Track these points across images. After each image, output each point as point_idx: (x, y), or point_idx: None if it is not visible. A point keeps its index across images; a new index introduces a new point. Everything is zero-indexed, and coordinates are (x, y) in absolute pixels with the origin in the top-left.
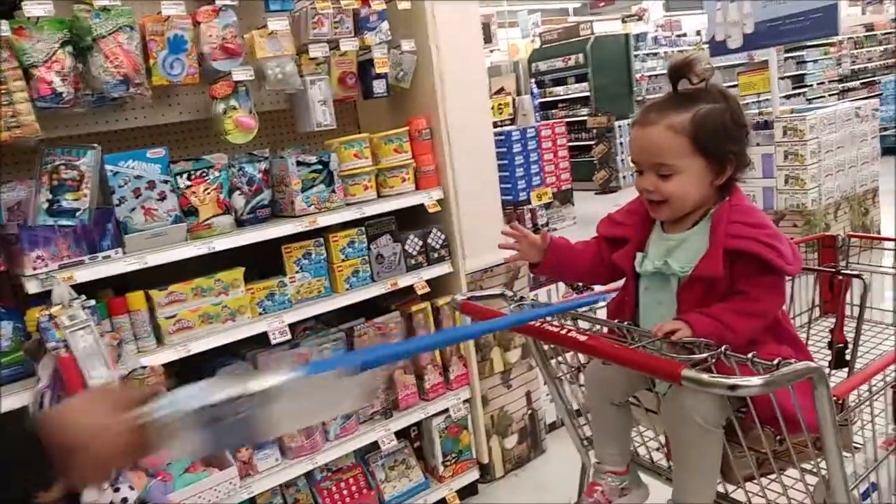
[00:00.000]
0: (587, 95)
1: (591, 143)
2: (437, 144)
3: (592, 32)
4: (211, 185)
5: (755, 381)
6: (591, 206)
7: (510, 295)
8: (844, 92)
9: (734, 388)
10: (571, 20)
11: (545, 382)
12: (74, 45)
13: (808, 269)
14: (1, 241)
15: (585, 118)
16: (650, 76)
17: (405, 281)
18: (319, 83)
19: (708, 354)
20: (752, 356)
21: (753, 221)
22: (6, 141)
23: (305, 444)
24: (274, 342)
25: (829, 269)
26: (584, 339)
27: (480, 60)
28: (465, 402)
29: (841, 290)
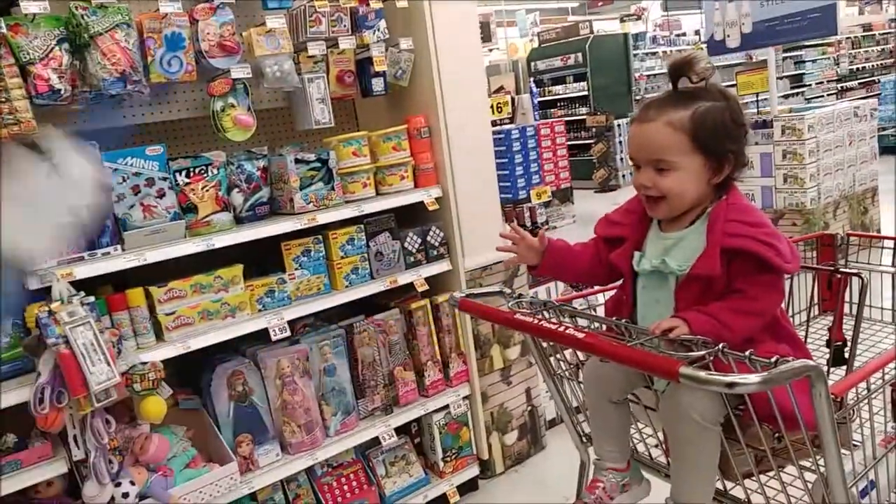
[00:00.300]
0: (586, 94)
1: (590, 141)
2: (435, 142)
3: (591, 32)
4: (209, 182)
5: (753, 378)
6: (590, 204)
7: (509, 292)
8: (842, 92)
9: (732, 385)
10: (570, 20)
11: (544, 379)
12: (71, 42)
13: (806, 267)
14: None
15: (584, 117)
16: (649, 75)
17: (404, 278)
18: (318, 81)
19: (706, 352)
20: (750, 354)
21: (751, 220)
22: (4, 138)
23: (306, 439)
24: (274, 339)
25: (827, 267)
26: (581, 336)
27: (479, 59)
28: (464, 398)
29: (839, 288)
